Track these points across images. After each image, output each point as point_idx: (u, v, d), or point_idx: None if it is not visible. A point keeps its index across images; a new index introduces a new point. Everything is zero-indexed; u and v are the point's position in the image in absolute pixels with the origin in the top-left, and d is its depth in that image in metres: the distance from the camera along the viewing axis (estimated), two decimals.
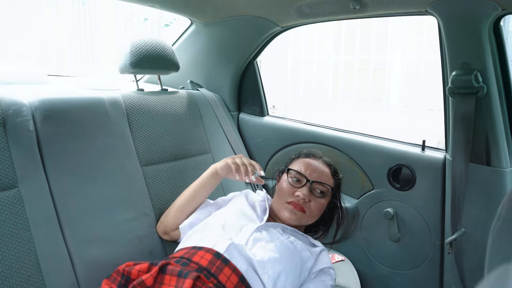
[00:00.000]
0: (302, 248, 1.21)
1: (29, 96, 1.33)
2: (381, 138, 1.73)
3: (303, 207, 1.23)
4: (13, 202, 1.16)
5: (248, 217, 1.26)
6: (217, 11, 1.71)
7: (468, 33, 1.26)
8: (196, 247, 1.13)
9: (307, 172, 1.28)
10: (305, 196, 1.23)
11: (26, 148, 1.23)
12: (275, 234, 1.21)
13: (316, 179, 1.27)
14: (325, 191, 1.28)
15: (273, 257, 1.11)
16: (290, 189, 1.26)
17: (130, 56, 1.58)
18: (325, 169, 1.33)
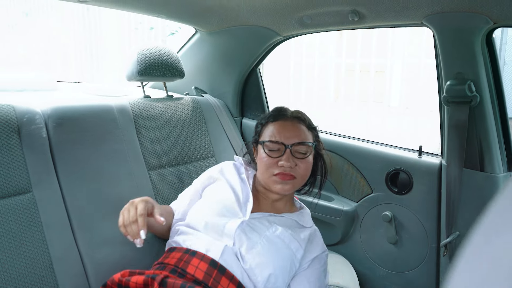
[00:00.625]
0: (291, 240, 1.15)
1: (42, 104, 1.39)
2: (380, 143, 1.79)
3: (291, 174, 1.15)
4: (27, 205, 1.22)
5: (231, 211, 1.16)
6: (221, 21, 1.77)
7: (462, 44, 1.32)
8: (189, 252, 1.09)
9: (282, 137, 1.17)
10: (290, 164, 1.13)
11: (39, 154, 1.29)
12: (261, 229, 1.14)
13: (294, 142, 1.16)
14: (307, 150, 1.18)
15: (260, 262, 1.07)
16: (272, 161, 1.16)
17: (137, 64, 1.64)
18: (299, 126, 1.20)
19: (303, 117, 1.24)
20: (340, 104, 5.42)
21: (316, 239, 1.25)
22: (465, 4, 1.19)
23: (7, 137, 1.22)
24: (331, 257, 1.84)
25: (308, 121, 1.24)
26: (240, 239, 1.10)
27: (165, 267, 1.09)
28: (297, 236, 1.18)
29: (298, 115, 1.24)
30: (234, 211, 1.16)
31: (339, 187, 1.89)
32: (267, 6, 1.51)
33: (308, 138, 1.21)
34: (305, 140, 1.18)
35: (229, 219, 1.13)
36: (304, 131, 1.20)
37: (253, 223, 1.15)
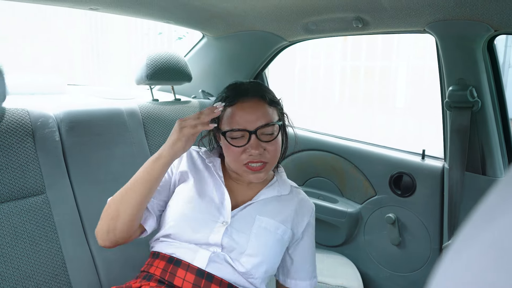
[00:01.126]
0: (277, 227, 1.09)
1: (55, 108, 1.43)
2: (384, 146, 1.82)
3: (262, 161, 1.03)
4: (41, 206, 1.27)
5: (211, 218, 1.06)
6: (228, 26, 1.81)
7: (464, 51, 1.35)
8: (173, 260, 1.04)
9: (244, 122, 1.02)
10: (258, 152, 1.01)
11: (52, 157, 1.33)
12: (246, 227, 1.07)
13: (258, 125, 1.02)
14: (274, 129, 1.05)
15: (255, 263, 1.04)
16: (239, 151, 1.03)
17: (146, 69, 1.68)
18: (260, 105, 1.04)
19: (263, 92, 1.07)
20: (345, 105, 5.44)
21: (301, 205, 1.18)
22: (467, 12, 1.22)
23: (22, 140, 1.26)
24: (335, 258, 1.88)
25: (270, 96, 1.07)
26: (229, 245, 1.04)
27: (151, 277, 1.04)
28: (282, 217, 1.12)
29: (258, 92, 1.06)
30: (214, 216, 1.06)
31: (344, 189, 1.92)
32: (273, 13, 1.55)
33: (273, 116, 1.06)
34: (270, 121, 1.03)
35: (211, 228, 1.04)
36: (267, 109, 1.04)
37: (236, 223, 1.07)
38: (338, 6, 1.37)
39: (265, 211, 1.10)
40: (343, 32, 1.60)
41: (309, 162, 1.99)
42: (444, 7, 1.22)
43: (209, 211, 1.07)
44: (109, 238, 1.01)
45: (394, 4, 1.27)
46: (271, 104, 1.07)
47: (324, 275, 1.68)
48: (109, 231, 1.01)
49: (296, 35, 1.75)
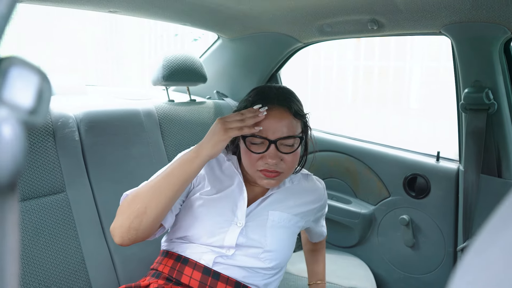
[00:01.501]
0: (289, 219, 1.12)
1: (75, 108, 1.46)
2: (398, 148, 1.82)
3: (276, 171, 1.02)
4: (61, 205, 1.30)
5: (225, 215, 1.07)
6: (243, 28, 1.83)
7: (480, 53, 1.34)
8: (181, 259, 1.06)
9: (265, 131, 1.01)
10: (275, 162, 1.00)
11: (72, 156, 1.36)
12: (260, 226, 1.08)
13: (279, 136, 1.01)
14: (295, 142, 1.04)
15: (273, 258, 1.06)
16: (256, 157, 1.02)
17: (163, 70, 1.71)
18: (285, 115, 1.02)
19: (289, 102, 1.04)
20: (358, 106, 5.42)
21: (312, 192, 1.20)
22: (483, 14, 1.22)
23: (43, 140, 1.30)
24: (348, 259, 1.88)
25: (295, 107, 1.04)
26: (246, 244, 1.05)
27: (160, 275, 1.07)
28: (294, 208, 1.14)
29: (284, 101, 1.03)
30: (229, 217, 1.07)
31: (357, 190, 1.92)
32: (288, 15, 1.56)
33: (296, 129, 1.04)
34: (292, 134, 1.02)
35: (226, 231, 1.05)
36: (290, 121, 1.02)
37: (251, 221, 1.08)
38: (353, 8, 1.38)
39: (277, 205, 1.12)
40: (358, 34, 1.60)
41: (322, 163, 2.00)
42: (461, 9, 1.22)
43: (223, 213, 1.06)
44: (129, 235, 0.97)
45: (409, 6, 1.27)
46: (296, 116, 1.04)
47: (337, 276, 1.69)
48: (132, 228, 0.96)
49: (311, 37, 1.76)
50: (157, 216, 0.97)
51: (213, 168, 1.15)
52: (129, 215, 0.96)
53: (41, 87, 0.29)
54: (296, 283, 1.64)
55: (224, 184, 1.12)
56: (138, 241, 1.00)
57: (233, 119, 0.97)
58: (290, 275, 1.71)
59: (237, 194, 1.10)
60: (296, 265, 1.75)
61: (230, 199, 1.09)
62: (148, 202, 0.96)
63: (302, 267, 1.69)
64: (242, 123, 0.96)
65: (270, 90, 1.07)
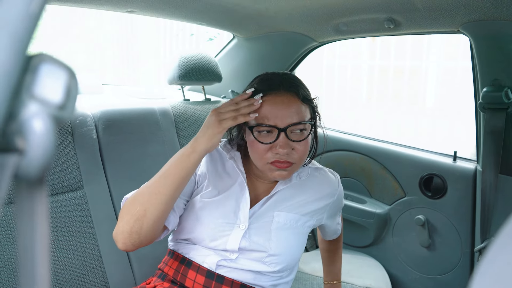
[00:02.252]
0: (296, 219, 1.06)
1: (92, 107, 1.49)
2: (414, 147, 1.80)
3: (288, 161, 0.96)
4: (79, 202, 1.32)
5: (228, 218, 1.02)
6: (259, 27, 1.83)
7: (499, 52, 1.32)
8: (185, 261, 1.04)
9: (274, 118, 0.94)
10: (286, 151, 0.94)
11: (90, 154, 1.38)
12: (265, 228, 1.03)
13: (289, 123, 0.94)
14: (305, 128, 0.97)
15: (279, 261, 1.02)
16: (265, 148, 0.96)
17: (178, 69, 1.72)
18: (293, 101, 0.96)
19: (296, 87, 0.98)
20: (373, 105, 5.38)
21: (324, 186, 1.12)
22: (503, 12, 1.20)
23: (62, 138, 1.32)
24: (364, 259, 1.87)
25: (303, 92, 0.98)
26: (250, 248, 1.01)
27: (165, 277, 1.06)
28: (302, 207, 1.07)
29: (292, 86, 0.97)
30: (231, 220, 1.02)
31: (372, 190, 1.91)
32: (304, 14, 1.56)
33: (305, 114, 0.97)
34: (302, 119, 0.96)
35: (228, 234, 1.01)
36: (300, 106, 0.96)
37: (255, 223, 1.03)
38: (369, 7, 1.37)
39: (283, 205, 1.06)
40: (374, 33, 1.60)
41: (337, 162, 1.99)
42: (480, 7, 1.20)
43: (225, 215, 1.01)
44: (132, 240, 0.93)
45: (427, 4, 1.26)
46: (304, 101, 0.97)
47: (352, 275, 1.68)
48: (133, 232, 0.92)
49: (327, 36, 1.75)
50: (158, 217, 0.92)
51: (215, 166, 1.09)
52: (129, 219, 0.92)
53: (69, 83, 0.30)
54: (310, 282, 1.64)
55: (225, 184, 1.06)
56: (143, 245, 0.96)
57: (227, 109, 0.93)
58: (304, 274, 1.71)
59: (239, 195, 1.04)
60: (310, 264, 1.75)
61: (232, 200, 1.03)
62: (147, 203, 0.92)
63: (316, 266, 1.69)
64: (236, 112, 0.92)
65: (275, 76, 1.00)
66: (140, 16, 1.72)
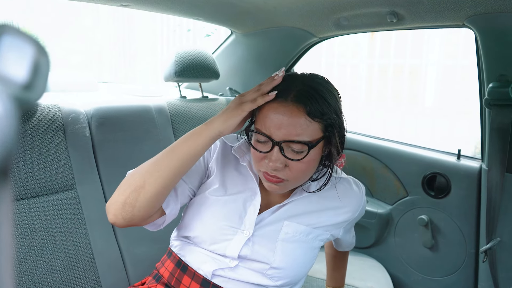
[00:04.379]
0: (307, 232, 0.97)
1: (85, 104, 1.44)
2: (416, 146, 1.76)
3: (278, 177, 0.87)
4: (71, 202, 1.28)
5: (232, 221, 0.95)
6: (257, 23, 1.79)
7: (506, 46, 1.28)
8: (180, 265, 0.99)
9: (271, 129, 0.84)
10: (276, 166, 0.85)
11: (83, 153, 1.34)
12: (272, 234, 0.95)
13: (285, 137, 0.83)
14: (304, 149, 0.85)
15: (282, 275, 0.94)
16: (258, 156, 0.88)
17: (175, 66, 1.68)
18: (296, 114, 0.83)
19: (308, 99, 0.84)
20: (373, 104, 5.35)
21: (345, 200, 1.01)
22: (510, 4, 1.16)
23: (53, 136, 1.28)
24: (365, 260, 1.83)
25: (315, 106, 0.83)
26: (251, 257, 0.94)
27: (160, 279, 1.02)
28: (317, 219, 0.98)
29: (302, 96, 0.84)
30: (235, 224, 0.95)
31: (374, 189, 1.87)
32: (303, 8, 1.51)
33: (308, 133, 0.84)
34: (300, 139, 0.83)
35: (230, 239, 0.94)
36: (303, 122, 0.83)
37: (261, 231, 0.95)
38: (372, 0, 1.33)
39: (296, 215, 0.97)
40: (376, 27, 1.55)
41: None
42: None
43: (229, 218, 0.95)
44: (124, 212, 0.87)
45: None
46: (313, 117, 0.83)
47: (353, 277, 1.64)
48: (127, 203, 0.86)
49: (327, 31, 1.71)
50: (156, 192, 0.86)
51: (227, 164, 1.01)
52: (126, 189, 0.87)
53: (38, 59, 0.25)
54: (310, 284, 1.60)
55: (235, 185, 0.99)
56: (134, 223, 0.89)
57: (249, 92, 0.87)
58: None
59: (248, 199, 0.97)
60: None
61: (240, 203, 0.96)
62: (148, 176, 0.86)
63: (315, 267, 1.65)
64: (256, 93, 0.85)
65: (295, 80, 0.88)
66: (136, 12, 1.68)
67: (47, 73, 0.26)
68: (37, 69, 0.25)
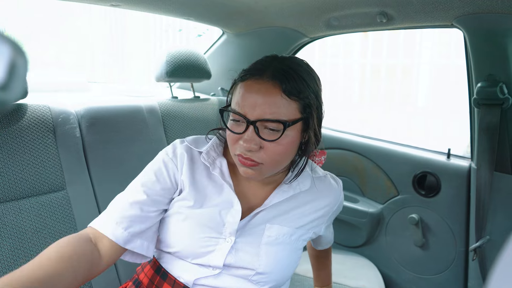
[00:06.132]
0: (290, 233, 0.94)
1: (76, 104, 1.43)
2: (407, 145, 1.77)
3: (252, 159, 0.82)
4: (61, 203, 1.27)
5: (213, 230, 0.90)
6: (248, 22, 1.79)
7: (494, 46, 1.29)
8: (160, 272, 0.95)
9: (245, 108, 0.81)
10: (250, 147, 0.80)
11: (73, 153, 1.33)
12: (255, 239, 0.92)
13: (260, 117, 0.80)
14: (277, 128, 0.80)
15: (267, 280, 0.92)
16: (233, 138, 0.84)
17: (166, 66, 1.67)
18: (271, 92, 0.80)
19: (284, 76, 0.81)
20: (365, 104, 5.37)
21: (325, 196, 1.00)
22: (498, 5, 1.17)
23: (43, 136, 1.27)
24: (356, 259, 1.84)
25: (291, 84, 0.80)
26: (236, 264, 0.90)
27: (139, 285, 0.98)
28: (299, 220, 0.96)
29: (278, 73, 0.81)
30: (217, 234, 0.90)
31: (365, 188, 1.88)
32: (294, 8, 1.52)
33: (286, 111, 0.80)
34: (278, 117, 0.79)
35: (213, 249, 0.90)
36: (278, 100, 0.79)
37: (243, 237, 0.91)
38: (362, 0, 1.34)
39: (277, 216, 0.94)
40: (366, 27, 1.56)
41: (329, 160, 1.95)
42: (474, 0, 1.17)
43: (209, 229, 0.90)
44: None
45: None
46: (289, 95, 0.80)
47: (344, 276, 1.64)
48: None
49: (318, 31, 1.71)
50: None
51: (198, 174, 0.94)
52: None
53: (14, 60, 0.25)
54: (302, 284, 1.60)
55: (211, 196, 0.93)
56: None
57: None
58: (296, 275, 1.67)
59: (226, 207, 0.92)
60: (302, 265, 1.71)
61: (217, 213, 0.91)
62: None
63: (308, 267, 1.65)
64: None
65: (270, 59, 0.86)
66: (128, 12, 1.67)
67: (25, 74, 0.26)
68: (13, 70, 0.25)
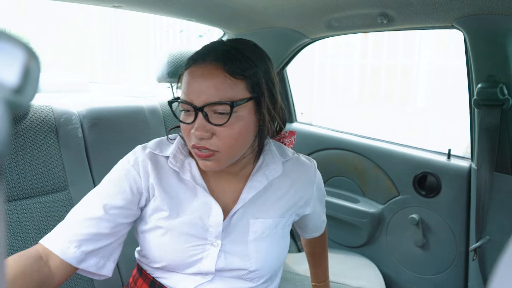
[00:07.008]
0: (275, 224, 0.92)
1: (78, 105, 1.44)
2: (407, 146, 1.78)
3: (206, 148, 0.78)
4: (64, 203, 1.27)
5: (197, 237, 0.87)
6: (249, 23, 1.79)
7: (494, 47, 1.30)
8: (155, 284, 0.91)
9: (191, 95, 0.78)
10: (201, 135, 0.77)
11: (75, 154, 1.34)
12: (241, 238, 0.89)
13: (206, 101, 0.77)
14: (225, 111, 0.77)
15: (261, 274, 0.91)
16: (186, 129, 0.80)
17: (167, 66, 1.68)
18: (214, 73, 0.77)
19: (227, 57, 0.78)
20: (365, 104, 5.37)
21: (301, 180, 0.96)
22: (498, 6, 1.18)
23: (46, 137, 1.27)
24: (357, 259, 1.84)
25: (235, 64, 0.78)
26: (227, 267, 0.88)
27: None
28: (280, 208, 0.93)
29: (221, 55, 0.78)
30: (201, 241, 0.87)
31: (365, 189, 1.89)
32: (295, 9, 1.53)
33: (232, 92, 0.77)
34: (224, 99, 0.76)
35: (200, 257, 0.87)
36: (222, 81, 0.77)
37: (229, 238, 0.89)
38: (362, 1, 1.34)
39: (257, 210, 0.91)
40: (366, 28, 1.56)
41: (330, 161, 1.96)
42: (474, 1, 1.18)
43: (192, 237, 0.86)
44: None
45: None
46: (233, 74, 0.77)
47: (345, 276, 1.65)
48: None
49: (319, 32, 1.72)
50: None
51: (167, 181, 0.89)
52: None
53: (28, 64, 0.26)
54: (303, 283, 1.61)
55: (187, 202, 0.88)
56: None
57: None
58: (296, 275, 1.67)
59: (205, 211, 0.87)
60: (302, 265, 1.72)
61: (198, 219, 0.87)
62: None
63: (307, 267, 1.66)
64: None
65: (216, 44, 0.83)
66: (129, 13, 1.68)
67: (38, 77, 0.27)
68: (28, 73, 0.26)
